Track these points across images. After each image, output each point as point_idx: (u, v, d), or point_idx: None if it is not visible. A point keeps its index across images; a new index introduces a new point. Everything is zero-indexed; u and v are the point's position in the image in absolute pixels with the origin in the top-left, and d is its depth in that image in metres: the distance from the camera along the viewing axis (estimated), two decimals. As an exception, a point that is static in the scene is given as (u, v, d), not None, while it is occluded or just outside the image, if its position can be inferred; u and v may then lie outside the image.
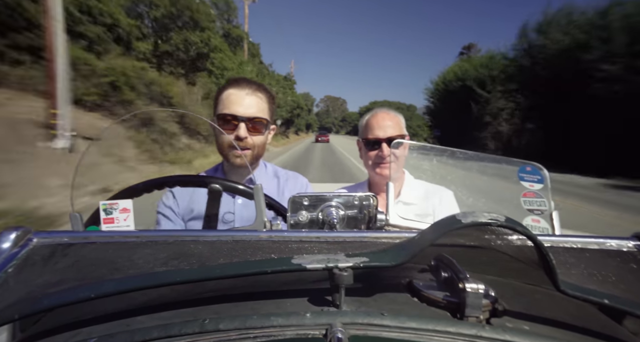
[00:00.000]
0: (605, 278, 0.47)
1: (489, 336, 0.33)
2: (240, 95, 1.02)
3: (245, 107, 1.01)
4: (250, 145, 1.03)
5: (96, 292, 0.35)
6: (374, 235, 0.53)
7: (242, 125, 1.00)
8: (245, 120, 1.00)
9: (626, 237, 0.55)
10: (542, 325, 0.39)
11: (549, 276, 0.38)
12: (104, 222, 0.62)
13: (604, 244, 0.54)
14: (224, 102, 1.02)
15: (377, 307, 0.39)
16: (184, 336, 0.32)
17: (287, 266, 0.37)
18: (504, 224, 0.36)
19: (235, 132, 1.00)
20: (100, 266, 0.45)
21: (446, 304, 0.40)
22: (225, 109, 1.01)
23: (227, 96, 1.02)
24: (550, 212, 0.70)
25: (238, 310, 0.39)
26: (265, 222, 0.64)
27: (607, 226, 5.47)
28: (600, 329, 0.41)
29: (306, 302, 0.39)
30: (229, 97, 1.02)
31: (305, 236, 0.51)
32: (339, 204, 0.66)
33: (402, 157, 1.19)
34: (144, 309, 0.39)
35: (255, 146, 1.04)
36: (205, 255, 0.47)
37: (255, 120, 1.02)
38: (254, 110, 1.02)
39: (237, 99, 1.01)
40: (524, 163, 0.74)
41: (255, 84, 1.06)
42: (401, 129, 1.19)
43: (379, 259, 0.38)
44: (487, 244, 0.43)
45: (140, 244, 0.49)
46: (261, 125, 1.04)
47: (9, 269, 0.42)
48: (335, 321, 0.32)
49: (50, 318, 0.43)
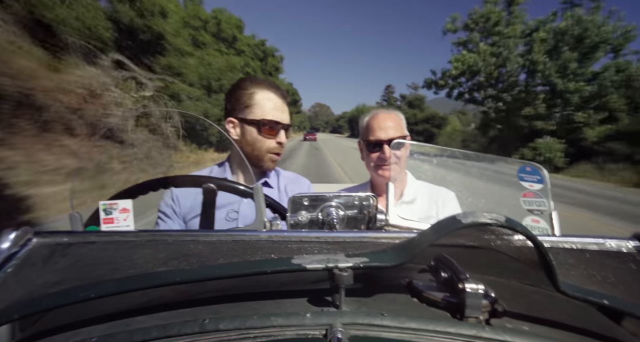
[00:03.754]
0: (605, 279, 0.47)
1: (489, 336, 0.33)
2: (279, 102, 1.07)
3: (286, 114, 1.08)
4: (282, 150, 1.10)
5: (96, 292, 0.35)
6: (374, 235, 0.53)
7: (283, 133, 1.07)
8: (286, 128, 1.08)
9: (626, 238, 0.55)
10: (542, 325, 0.39)
11: (549, 277, 0.38)
12: (104, 222, 0.62)
13: (603, 244, 0.54)
14: (266, 107, 1.05)
15: (377, 308, 0.39)
16: (183, 336, 0.32)
17: (287, 266, 0.37)
18: (504, 224, 0.36)
19: (277, 139, 1.06)
20: (100, 266, 0.45)
21: (446, 304, 0.40)
22: (269, 115, 1.04)
23: (267, 101, 1.05)
24: (550, 212, 0.70)
25: (238, 310, 0.39)
26: (265, 222, 0.64)
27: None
28: (600, 329, 0.41)
29: (306, 303, 0.39)
30: (269, 103, 1.05)
31: (305, 236, 0.51)
32: (339, 204, 0.66)
33: (403, 158, 1.18)
34: (144, 309, 0.39)
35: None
36: (205, 255, 0.47)
37: (289, 126, 1.10)
38: (288, 117, 1.09)
39: (279, 105, 1.07)
40: (524, 163, 0.74)
41: (281, 88, 1.11)
42: (402, 129, 1.17)
43: (379, 259, 0.38)
44: (487, 244, 0.43)
45: (140, 244, 0.49)
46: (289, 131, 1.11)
47: (9, 269, 0.42)
48: (335, 321, 0.32)
49: (50, 318, 0.43)
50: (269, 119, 1.04)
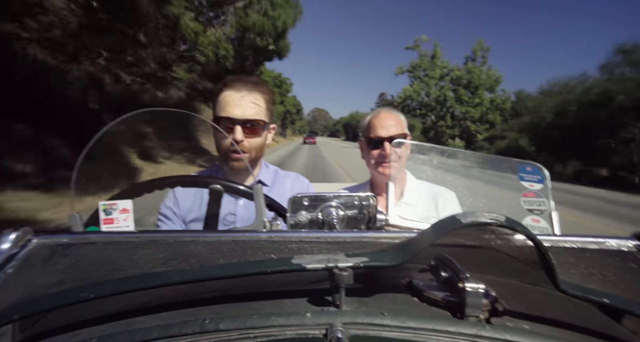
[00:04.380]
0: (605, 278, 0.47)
1: (489, 335, 0.33)
2: (236, 97, 1.00)
3: (242, 109, 0.99)
4: (246, 148, 1.01)
5: (96, 292, 0.35)
6: (374, 235, 0.53)
7: (238, 128, 0.99)
8: (241, 123, 0.99)
9: (626, 237, 0.55)
10: (542, 324, 0.39)
11: (549, 276, 0.38)
12: (104, 222, 0.62)
13: (603, 243, 0.54)
14: (221, 104, 1.01)
15: (377, 307, 0.39)
16: (183, 336, 0.32)
17: (287, 266, 0.37)
18: (504, 224, 0.36)
19: (232, 136, 0.98)
20: (100, 267, 0.45)
21: (446, 303, 0.40)
22: (222, 111, 1.00)
23: (224, 98, 1.01)
24: (550, 212, 0.70)
25: (238, 310, 0.39)
26: (265, 223, 0.64)
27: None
28: (600, 328, 0.41)
29: (306, 302, 0.39)
30: (225, 99, 1.01)
31: (305, 236, 0.51)
32: (339, 204, 0.66)
33: (404, 157, 1.18)
34: (144, 309, 0.39)
35: (252, 149, 1.03)
36: (205, 255, 0.47)
37: (252, 122, 1.01)
38: (251, 112, 1.00)
39: (233, 100, 1.00)
40: (524, 163, 0.74)
41: (251, 83, 1.04)
42: (403, 128, 1.18)
43: (379, 259, 0.38)
44: (487, 244, 0.43)
45: (140, 245, 0.49)
46: (258, 127, 1.02)
47: (9, 269, 0.42)
48: (335, 321, 0.32)
49: (50, 319, 0.43)
50: (220, 116, 1.00)
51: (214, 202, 0.76)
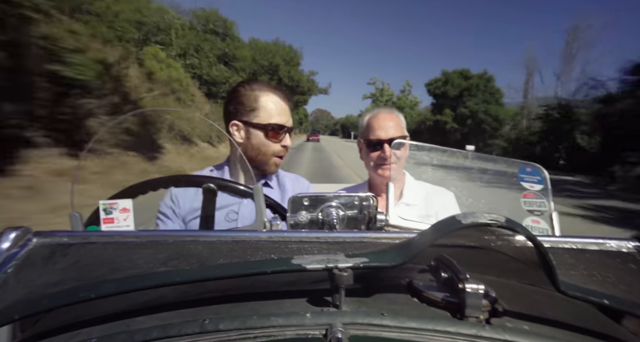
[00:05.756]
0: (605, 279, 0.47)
1: (489, 335, 0.33)
2: (283, 105, 1.07)
3: (287, 116, 1.07)
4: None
5: (96, 292, 0.35)
6: (374, 235, 0.53)
7: (288, 136, 1.07)
8: (290, 130, 1.08)
9: (626, 239, 0.55)
10: (542, 325, 0.39)
11: (549, 277, 0.38)
12: (104, 222, 0.62)
13: (603, 245, 0.54)
14: (270, 109, 1.04)
15: (377, 308, 0.39)
16: (183, 336, 0.32)
17: (287, 266, 0.37)
18: (504, 224, 0.36)
19: (283, 142, 1.06)
20: (100, 266, 0.45)
21: (446, 304, 0.40)
22: (273, 118, 1.04)
23: (272, 104, 1.05)
24: (550, 213, 0.70)
25: (238, 310, 0.39)
26: (265, 223, 0.64)
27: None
28: (600, 329, 0.41)
29: (306, 303, 0.39)
30: (274, 106, 1.05)
31: (305, 236, 0.51)
32: (339, 205, 0.66)
33: (403, 158, 1.17)
34: (144, 309, 0.39)
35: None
36: (205, 255, 0.47)
37: (292, 129, 1.09)
38: (291, 119, 1.09)
39: (283, 108, 1.06)
40: (524, 164, 0.74)
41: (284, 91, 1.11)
42: (402, 129, 1.17)
43: (379, 259, 0.38)
44: (487, 244, 0.43)
45: (140, 244, 0.49)
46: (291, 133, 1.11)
47: (9, 269, 0.42)
48: (335, 321, 0.32)
49: (50, 318, 0.43)
50: (275, 123, 1.03)
51: (208, 202, 0.76)
